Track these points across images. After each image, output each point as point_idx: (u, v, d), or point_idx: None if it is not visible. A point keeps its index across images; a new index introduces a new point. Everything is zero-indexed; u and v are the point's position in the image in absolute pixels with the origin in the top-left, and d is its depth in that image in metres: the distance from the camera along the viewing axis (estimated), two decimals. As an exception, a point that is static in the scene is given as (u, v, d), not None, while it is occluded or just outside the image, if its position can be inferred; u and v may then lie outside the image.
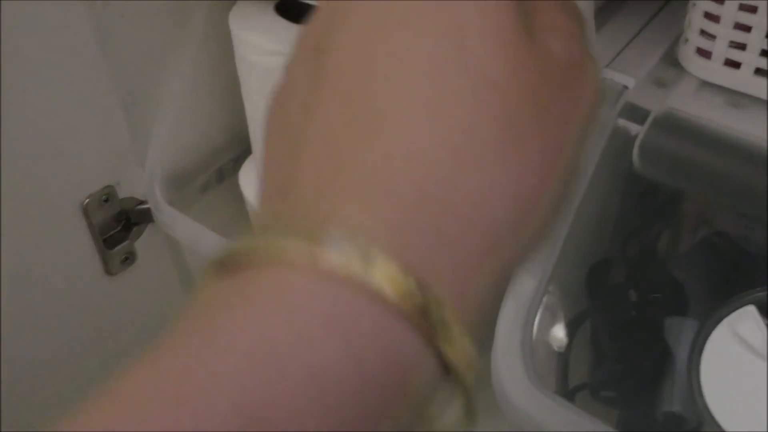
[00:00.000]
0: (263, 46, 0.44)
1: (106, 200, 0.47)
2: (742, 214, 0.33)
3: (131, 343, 0.56)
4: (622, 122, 0.35)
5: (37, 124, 0.42)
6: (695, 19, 0.34)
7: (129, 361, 0.14)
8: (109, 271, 0.51)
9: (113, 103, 0.44)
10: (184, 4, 0.47)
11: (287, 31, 0.45)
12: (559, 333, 0.38)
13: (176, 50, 0.48)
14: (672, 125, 0.35)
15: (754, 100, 0.34)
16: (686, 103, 0.35)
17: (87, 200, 0.46)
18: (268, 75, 0.46)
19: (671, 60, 0.37)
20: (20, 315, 0.46)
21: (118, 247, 0.50)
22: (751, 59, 0.33)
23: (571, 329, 0.39)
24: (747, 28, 0.32)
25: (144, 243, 0.52)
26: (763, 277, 0.31)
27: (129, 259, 0.52)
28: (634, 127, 0.35)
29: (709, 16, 0.33)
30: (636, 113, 0.35)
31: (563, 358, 0.39)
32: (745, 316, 0.31)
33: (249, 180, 0.53)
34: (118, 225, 0.50)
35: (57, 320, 0.49)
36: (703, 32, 0.34)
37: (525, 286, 0.35)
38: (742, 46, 0.33)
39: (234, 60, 0.48)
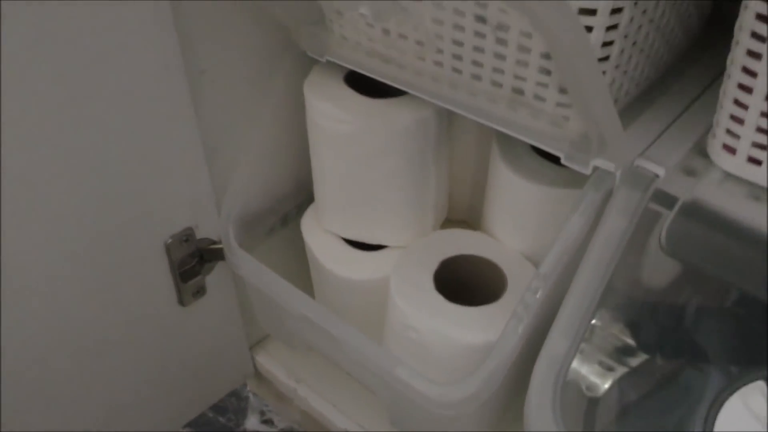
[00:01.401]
0: (332, 113, 0.50)
1: (186, 240, 0.53)
2: (760, 295, 0.37)
3: (195, 366, 0.62)
4: (653, 206, 0.39)
5: (137, 173, 0.48)
6: (722, 119, 0.38)
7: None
8: (181, 302, 0.56)
9: (200, 158, 0.51)
10: (266, 73, 0.53)
11: (354, 101, 0.50)
12: (588, 391, 0.42)
13: (256, 112, 0.54)
14: (697, 212, 0.38)
15: (774, 194, 0.38)
16: (712, 192, 0.39)
17: (170, 240, 0.52)
18: (334, 138, 0.51)
19: (700, 150, 0.41)
20: (103, 337, 0.52)
21: (192, 281, 0.56)
22: (771, 159, 0.37)
23: (598, 387, 0.43)
24: (767, 132, 0.36)
25: (213, 278, 0.58)
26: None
27: (200, 292, 0.57)
28: (663, 211, 0.39)
29: (735, 119, 0.38)
30: (665, 199, 0.39)
31: (591, 414, 0.42)
32: (756, 391, 0.35)
33: (310, 225, 0.59)
34: (193, 261, 0.56)
35: (134, 343, 0.55)
36: (729, 131, 0.38)
37: (559, 347, 0.39)
38: (763, 147, 0.37)
39: (305, 121, 0.54)
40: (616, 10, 0.36)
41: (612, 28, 0.37)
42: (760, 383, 0.35)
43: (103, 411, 0.55)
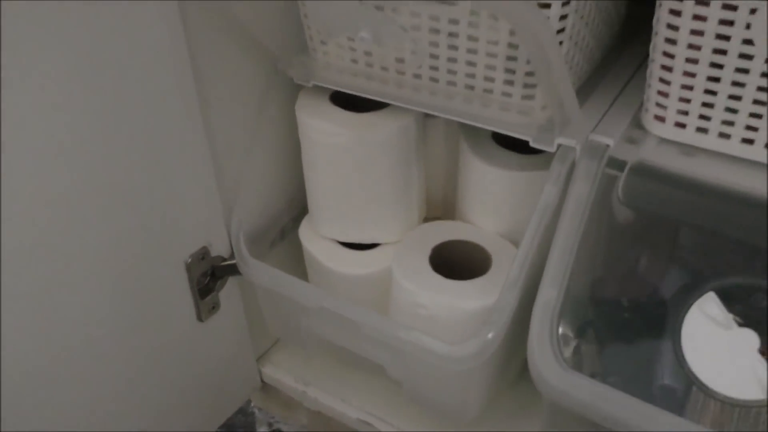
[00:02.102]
0: (325, 128, 0.57)
1: (203, 258, 0.59)
2: (698, 227, 0.47)
3: (208, 382, 0.66)
4: (608, 170, 0.49)
5: (160, 198, 0.53)
6: (651, 96, 0.48)
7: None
8: (200, 318, 0.61)
9: (212, 181, 0.57)
10: (259, 101, 0.60)
11: (343, 116, 0.58)
12: (573, 333, 0.50)
13: (253, 135, 0.60)
14: (642, 171, 0.48)
15: (699, 149, 0.48)
16: (651, 154, 0.48)
17: (189, 259, 0.58)
18: (328, 151, 0.58)
19: (637, 122, 0.51)
20: (126, 353, 0.56)
21: (208, 297, 0.61)
22: (693, 122, 0.47)
23: (581, 330, 0.51)
24: (688, 101, 0.46)
25: (224, 294, 0.63)
26: (719, 269, 0.44)
27: (215, 307, 0.63)
28: (617, 174, 0.48)
29: (661, 93, 0.48)
30: (617, 164, 0.48)
31: (577, 353, 0.51)
32: (709, 300, 0.44)
33: (307, 234, 0.65)
34: (207, 278, 0.61)
35: (156, 360, 0.59)
36: (658, 104, 0.48)
37: (549, 295, 0.47)
38: (686, 113, 0.47)
39: (296, 141, 0.61)
40: (563, 17, 0.45)
41: (563, 21, 0.46)
42: (711, 294, 0.44)
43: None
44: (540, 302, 0.47)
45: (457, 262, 0.60)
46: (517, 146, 0.56)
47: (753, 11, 0.40)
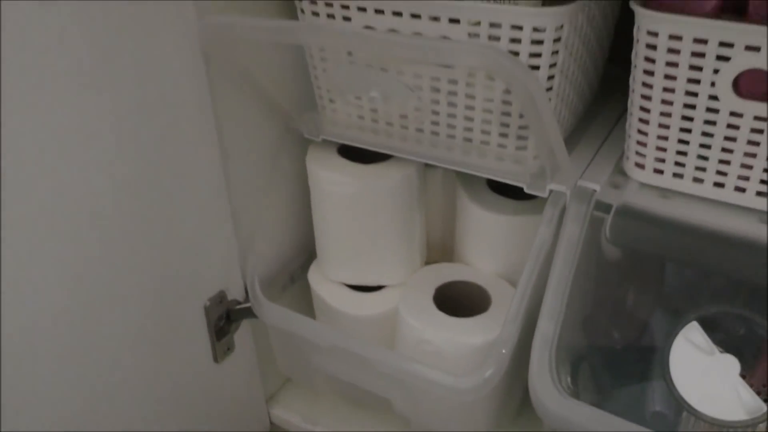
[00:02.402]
0: (335, 179, 0.62)
1: (220, 301, 0.62)
2: (679, 262, 0.51)
3: (225, 419, 0.69)
4: (596, 213, 0.54)
5: (184, 245, 0.57)
6: (631, 145, 0.54)
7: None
8: (216, 359, 0.65)
9: (230, 229, 0.61)
10: (271, 154, 0.65)
11: (351, 167, 0.63)
12: (570, 363, 0.54)
13: (266, 186, 0.65)
14: (626, 213, 0.53)
15: (676, 193, 0.53)
16: (633, 198, 0.54)
17: (208, 302, 0.61)
18: (338, 200, 0.63)
19: (620, 170, 0.57)
20: (143, 395, 0.59)
21: (224, 339, 0.64)
22: (669, 168, 0.52)
23: (577, 361, 0.55)
24: (664, 150, 0.52)
25: (238, 336, 0.67)
26: (700, 300, 0.48)
27: (230, 349, 0.66)
28: (604, 216, 0.53)
29: (640, 143, 0.53)
30: (604, 207, 0.54)
31: (575, 382, 0.54)
32: (693, 329, 0.48)
33: (316, 278, 0.69)
34: (222, 321, 0.64)
35: (172, 401, 0.62)
36: (637, 153, 0.54)
37: (546, 329, 0.51)
38: (662, 160, 0.53)
39: (306, 191, 0.65)
40: (551, 77, 0.51)
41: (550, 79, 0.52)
42: (694, 323, 0.49)
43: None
44: (539, 335, 0.51)
45: (459, 301, 0.64)
46: (511, 192, 0.61)
47: (716, 71, 0.46)
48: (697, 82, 0.47)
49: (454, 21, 0.49)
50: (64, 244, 0.47)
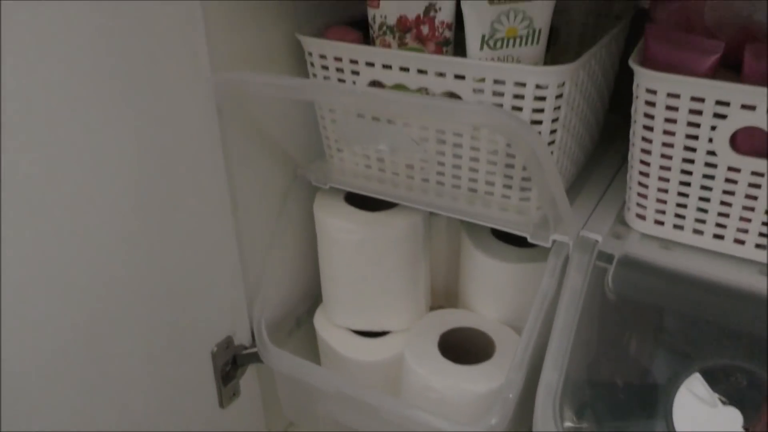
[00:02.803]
0: (343, 226, 0.63)
1: (227, 347, 0.63)
2: (680, 313, 0.52)
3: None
4: (598, 263, 0.54)
5: (192, 292, 0.58)
6: (632, 197, 0.55)
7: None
8: (221, 404, 0.65)
9: (239, 276, 0.62)
10: (279, 202, 0.66)
11: (358, 215, 0.64)
12: (573, 411, 0.55)
13: (274, 232, 0.66)
14: (628, 263, 0.54)
15: (676, 243, 0.54)
16: (635, 248, 0.55)
17: (215, 348, 0.62)
18: (345, 247, 0.64)
19: (621, 220, 0.58)
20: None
21: (230, 384, 0.65)
22: (670, 219, 0.53)
23: (581, 409, 0.55)
24: (664, 202, 0.53)
25: (243, 381, 0.67)
26: (702, 351, 0.49)
27: (235, 394, 0.66)
28: (606, 266, 0.54)
29: (641, 195, 0.54)
30: (606, 257, 0.54)
31: (578, 428, 0.55)
32: (695, 381, 0.49)
33: (322, 323, 0.70)
34: (229, 366, 0.65)
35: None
36: (638, 205, 0.55)
37: (551, 378, 0.52)
38: (663, 212, 0.54)
39: (313, 238, 0.67)
40: (553, 131, 0.53)
41: (551, 143, 0.53)
42: (696, 374, 0.49)
43: None
44: (543, 384, 0.52)
45: (463, 347, 0.65)
46: (514, 240, 0.62)
47: (713, 128, 0.47)
48: (695, 138, 0.48)
49: (460, 77, 0.51)
50: (73, 289, 0.48)
